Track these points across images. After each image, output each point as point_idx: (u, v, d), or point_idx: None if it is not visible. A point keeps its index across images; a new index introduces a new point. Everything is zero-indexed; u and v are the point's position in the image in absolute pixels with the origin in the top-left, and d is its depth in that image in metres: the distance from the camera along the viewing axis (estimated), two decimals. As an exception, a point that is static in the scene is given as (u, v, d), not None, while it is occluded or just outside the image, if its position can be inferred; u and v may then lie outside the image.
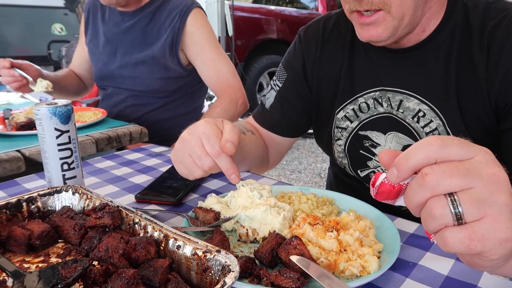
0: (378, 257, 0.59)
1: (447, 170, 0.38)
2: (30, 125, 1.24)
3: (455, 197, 0.38)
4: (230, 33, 4.96)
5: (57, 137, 0.79)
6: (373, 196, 0.46)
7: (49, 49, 6.68)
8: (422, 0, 0.77)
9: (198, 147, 0.68)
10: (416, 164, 0.40)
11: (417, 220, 0.52)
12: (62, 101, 0.81)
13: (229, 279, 0.45)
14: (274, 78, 1.07)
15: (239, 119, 1.63)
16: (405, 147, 0.89)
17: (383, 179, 0.44)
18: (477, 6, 0.81)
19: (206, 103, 1.87)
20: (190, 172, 0.71)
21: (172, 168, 0.97)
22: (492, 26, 0.77)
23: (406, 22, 0.77)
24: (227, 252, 0.50)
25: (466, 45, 0.80)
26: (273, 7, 6.21)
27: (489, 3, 0.81)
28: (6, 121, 1.32)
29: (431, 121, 0.84)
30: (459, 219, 0.38)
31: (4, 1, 7.12)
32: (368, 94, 0.91)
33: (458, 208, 0.38)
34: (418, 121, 0.85)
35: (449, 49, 0.81)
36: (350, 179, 1.04)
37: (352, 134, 0.95)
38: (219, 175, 0.96)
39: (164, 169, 0.98)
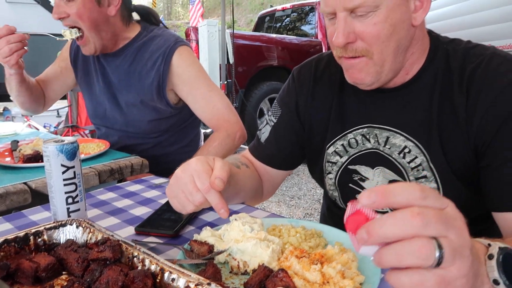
0: (360, 289, 0.63)
1: (435, 215, 0.41)
2: (36, 157, 1.30)
3: (440, 242, 0.41)
4: (231, 60, 5.09)
5: (63, 172, 0.85)
6: (344, 219, 0.47)
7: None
8: (403, 48, 0.84)
9: (189, 184, 0.74)
10: (399, 202, 0.43)
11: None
12: (69, 139, 0.87)
13: (218, 310, 0.50)
14: (269, 113, 1.13)
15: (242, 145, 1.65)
16: (391, 182, 0.94)
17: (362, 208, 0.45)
18: (457, 51, 0.88)
19: (203, 131, 1.89)
20: (183, 206, 0.77)
21: (171, 200, 1.02)
22: (471, 70, 0.83)
23: (388, 68, 0.84)
24: (217, 285, 0.55)
25: (447, 87, 0.86)
26: (274, 35, 6.37)
27: (467, 48, 0.87)
28: (14, 152, 1.38)
29: (416, 157, 0.89)
30: (438, 264, 0.41)
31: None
32: (356, 131, 0.97)
33: (441, 252, 0.41)
34: (404, 157, 0.91)
35: (431, 91, 0.88)
36: (341, 211, 1.09)
37: (342, 168, 1.00)
38: (215, 207, 1.01)
39: (163, 201, 1.03)
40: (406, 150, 0.90)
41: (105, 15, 1.47)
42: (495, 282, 0.48)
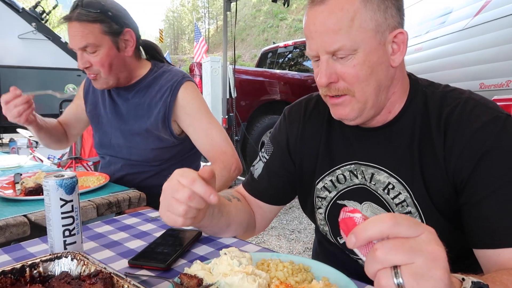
0: (342, 324, 0.65)
1: (393, 246, 0.46)
2: (38, 190, 1.34)
3: (398, 270, 0.46)
4: (233, 95, 5.20)
5: (62, 206, 0.88)
6: (339, 219, 0.54)
7: (60, 108, 7.02)
8: (384, 87, 0.89)
9: (175, 185, 0.78)
10: (371, 236, 0.48)
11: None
12: (68, 174, 0.91)
13: None
14: (263, 150, 1.18)
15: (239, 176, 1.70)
16: None
17: (356, 217, 0.53)
18: (435, 94, 0.93)
19: (203, 164, 1.96)
20: (174, 213, 0.79)
21: (165, 233, 1.05)
22: (447, 112, 0.88)
23: (370, 105, 0.89)
24: (201, 318, 0.57)
25: (426, 128, 0.90)
26: (276, 70, 6.53)
27: (445, 92, 0.92)
28: (16, 185, 1.42)
29: (400, 193, 0.92)
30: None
31: (21, 63, 7.58)
32: (344, 167, 1.01)
33: (400, 279, 0.46)
34: (388, 193, 0.94)
35: (412, 130, 0.92)
36: (331, 246, 1.11)
37: (331, 203, 1.04)
38: (208, 240, 1.03)
39: (158, 234, 1.06)
40: (390, 186, 0.93)
41: (123, 58, 1.59)
42: None
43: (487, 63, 3.00)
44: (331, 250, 1.13)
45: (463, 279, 0.53)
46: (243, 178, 1.27)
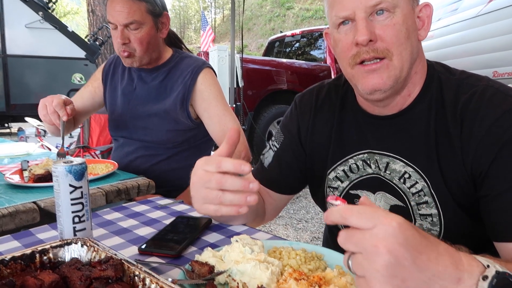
0: (357, 312, 0.64)
1: (346, 236, 0.53)
2: (46, 177, 1.33)
3: (350, 257, 0.53)
4: (240, 84, 5.17)
5: (71, 192, 0.88)
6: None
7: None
8: (414, 59, 0.87)
9: (204, 175, 0.77)
10: (333, 220, 0.55)
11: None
12: (77, 160, 0.90)
13: (214, 330, 0.51)
14: (273, 139, 1.16)
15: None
16: (392, 207, 0.95)
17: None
18: (450, 81, 0.89)
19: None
20: (212, 202, 0.77)
21: (175, 221, 1.04)
22: (464, 100, 0.85)
23: (404, 75, 0.85)
24: (214, 305, 0.56)
25: (441, 116, 0.87)
26: (283, 60, 6.47)
27: (461, 78, 0.89)
28: (24, 172, 1.42)
29: (417, 182, 0.90)
30: (353, 273, 0.53)
31: (29, 52, 7.60)
32: (357, 156, 0.99)
33: (350, 262, 0.53)
34: (404, 182, 0.91)
35: (427, 118, 0.89)
36: (343, 235, 1.09)
37: (344, 193, 1.02)
38: (218, 228, 1.02)
39: (168, 221, 1.05)
40: (406, 175, 0.90)
41: (158, 39, 1.67)
42: None
43: (500, 51, 2.94)
44: (342, 239, 1.11)
45: (488, 266, 0.50)
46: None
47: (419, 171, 0.89)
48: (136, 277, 0.67)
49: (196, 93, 1.65)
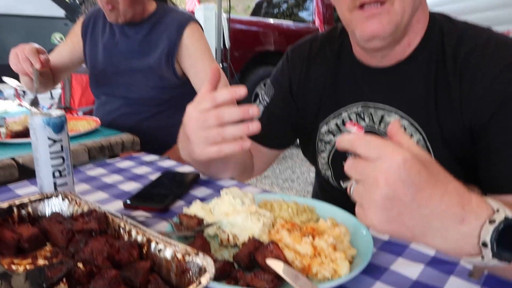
0: (351, 262, 0.62)
1: (352, 165, 0.51)
2: (25, 133, 1.27)
3: (353, 184, 0.52)
4: (227, 45, 5.03)
5: (50, 145, 0.82)
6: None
7: (48, 58, 6.82)
8: (416, 6, 0.81)
9: (200, 116, 0.73)
10: (343, 147, 0.53)
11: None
12: (56, 112, 0.85)
13: (205, 279, 0.48)
14: (263, 92, 1.11)
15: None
16: None
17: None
18: (451, 31, 0.85)
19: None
20: (215, 141, 0.72)
21: (162, 176, 1.00)
22: (465, 53, 0.81)
23: (405, 22, 0.80)
24: (205, 255, 0.53)
25: (441, 68, 0.84)
26: (271, 20, 6.30)
27: (463, 29, 0.84)
28: (1, 129, 1.35)
29: (412, 135, 0.87)
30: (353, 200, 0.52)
31: (5, 11, 7.21)
32: (350, 109, 0.95)
33: (351, 192, 0.52)
34: None
35: (427, 70, 0.85)
36: (333, 190, 1.07)
37: (336, 147, 0.98)
38: (206, 182, 0.99)
39: (154, 177, 1.01)
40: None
41: None
42: (484, 245, 0.47)
43: (494, 10, 2.86)
44: (333, 194, 1.09)
45: (498, 210, 0.48)
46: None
47: (415, 123, 0.86)
48: (121, 229, 0.64)
49: (182, 49, 1.57)
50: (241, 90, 0.71)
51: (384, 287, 0.58)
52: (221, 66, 4.97)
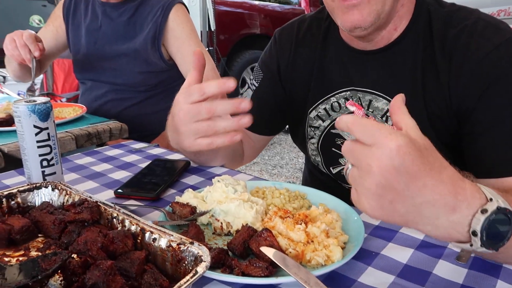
0: (343, 248, 0.63)
1: (347, 148, 0.51)
2: (8, 121, 1.24)
3: (349, 167, 0.52)
4: (213, 27, 4.96)
5: (36, 134, 0.81)
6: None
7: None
8: None
9: (190, 109, 0.72)
10: (341, 127, 0.52)
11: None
12: (41, 99, 0.83)
13: (201, 268, 0.49)
14: (251, 77, 1.10)
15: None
16: None
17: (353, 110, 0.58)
18: (440, 13, 0.85)
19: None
20: (208, 133, 0.73)
21: (152, 164, 0.99)
22: (454, 35, 0.81)
23: (387, 10, 0.80)
24: (200, 244, 0.53)
25: (429, 51, 0.84)
26: (256, 2, 6.21)
27: (451, 11, 0.85)
28: (-17, 117, 1.32)
29: None
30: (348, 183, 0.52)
31: (-20, -8, 6.93)
32: (339, 94, 0.95)
33: (348, 171, 0.52)
34: (386, 121, 0.89)
35: (414, 53, 0.86)
36: (323, 176, 1.08)
37: (325, 132, 0.99)
38: (197, 170, 0.99)
39: (144, 165, 1.01)
40: (388, 113, 0.88)
41: None
42: (474, 233, 0.48)
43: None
44: (323, 180, 1.10)
45: (491, 200, 0.48)
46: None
47: None
48: (114, 219, 0.64)
49: (168, 32, 1.54)
50: (230, 82, 0.70)
51: (376, 271, 0.60)
52: (207, 49, 4.91)
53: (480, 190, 0.50)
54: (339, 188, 1.04)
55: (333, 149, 0.99)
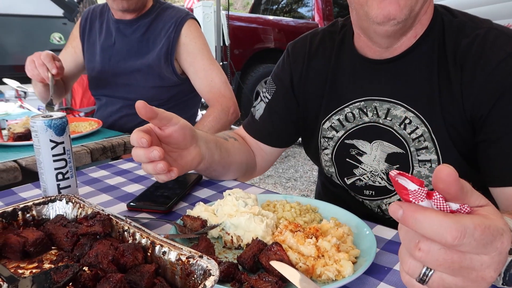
0: (355, 262, 0.62)
1: (439, 260, 0.38)
2: (27, 135, 1.27)
3: (429, 273, 0.39)
4: (227, 42, 5.02)
5: (52, 148, 0.83)
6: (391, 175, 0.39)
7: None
8: None
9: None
10: (419, 231, 0.37)
11: (395, 227, 0.56)
12: (57, 114, 0.85)
13: (209, 282, 0.49)
14: (264, 90, 1.11)
15: (232, 125, 1.67)
16: (389, 155, 0.92)
17: (410, 190, 0.38)
18: (452, 23, 0.85)
19: (200, 112, 1.91)
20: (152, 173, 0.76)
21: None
22: (466, 44, 0.81)
23: (418, 8, 0.79)
24: (209, 258, 0.53)
25: (442, 59, 0.84)
26: (270, 17, 6.29)
27: (463, 21, 0.85)
28: (3, 131, 1.35)
29: (417, 127, 0.87)
30: (421, 281, 0.40)
31: (3, 10, 7.19)
32: (353, 104, 0.95)
33: (426, 283, 0.40)
34: (405, 128, 0.89)
35: (429, 62, 0.86)
36: (336, 188, 1.08)
37: (339, 143, 0.99)
38: (209, 183, 0.99)
39: (156, 178, 1.01)
40: (407, 121, 0.88)
41: None
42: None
43: (499, 3, 2.83)
44: (336, 192, 1.09)
45: None
46: (236, 127, 1.21)
47: (420, 116, 0.87)
48: (125, 232, 0.64)
49: (181, 47, 1.57)
50: (157, 154, 0.75)
51: (388, 287, 0.58)
52: (221, 64, 4.97)
53: (509, 229, 0.41)
54: (353, 200, 1.03)
55: (347, 159, 0.98)
